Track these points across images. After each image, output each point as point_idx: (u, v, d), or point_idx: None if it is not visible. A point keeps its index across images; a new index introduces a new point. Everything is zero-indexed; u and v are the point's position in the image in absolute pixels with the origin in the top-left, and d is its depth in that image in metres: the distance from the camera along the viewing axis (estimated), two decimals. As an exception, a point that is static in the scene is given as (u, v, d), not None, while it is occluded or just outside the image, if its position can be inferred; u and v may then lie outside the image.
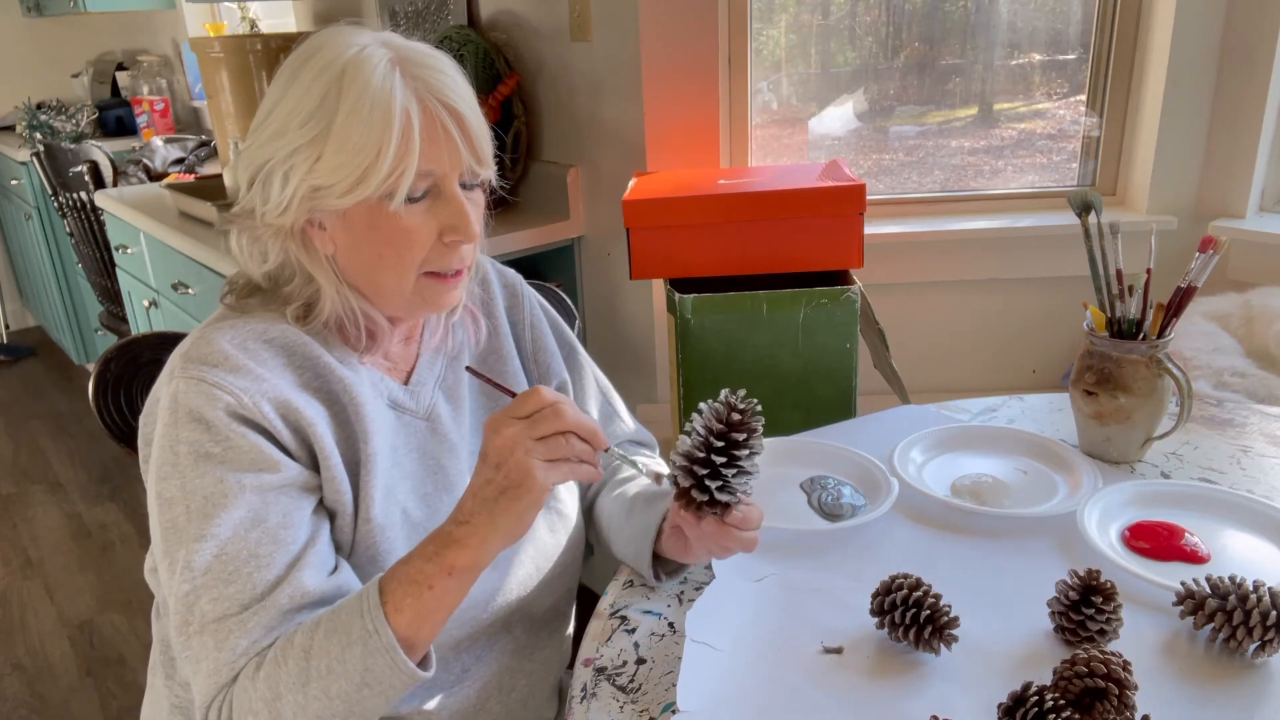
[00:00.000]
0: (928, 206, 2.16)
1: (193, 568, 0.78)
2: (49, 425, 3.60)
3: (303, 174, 0.82)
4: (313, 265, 0.87)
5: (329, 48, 0.83)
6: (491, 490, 0.75)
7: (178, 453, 0.81)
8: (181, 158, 3.39)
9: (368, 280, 0.88)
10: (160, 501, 0.81)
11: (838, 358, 1.59)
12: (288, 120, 0.82)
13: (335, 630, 0.76)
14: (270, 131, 0.83)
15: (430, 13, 2.45)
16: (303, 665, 0.75)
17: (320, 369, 0.87)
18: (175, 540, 0.80)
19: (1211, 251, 1.07)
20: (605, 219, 2.15)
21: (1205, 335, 1.80)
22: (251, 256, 0.88)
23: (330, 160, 0.81)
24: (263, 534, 0.80)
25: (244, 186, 0.87)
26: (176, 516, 0.80)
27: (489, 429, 0.77)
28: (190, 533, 0.79)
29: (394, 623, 0.75)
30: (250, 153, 0.85)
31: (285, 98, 0.83)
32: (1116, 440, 1.13)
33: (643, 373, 2.19)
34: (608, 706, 0.80)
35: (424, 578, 0.76)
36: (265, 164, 0.84)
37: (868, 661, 0.83)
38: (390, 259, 0.85)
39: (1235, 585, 0.82)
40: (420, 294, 0.88)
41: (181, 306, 2.35)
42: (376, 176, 0.80)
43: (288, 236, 0.86)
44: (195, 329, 0.89)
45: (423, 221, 0.85)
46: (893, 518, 1.05)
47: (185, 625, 0.79)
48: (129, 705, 2.08)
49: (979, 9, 2.09)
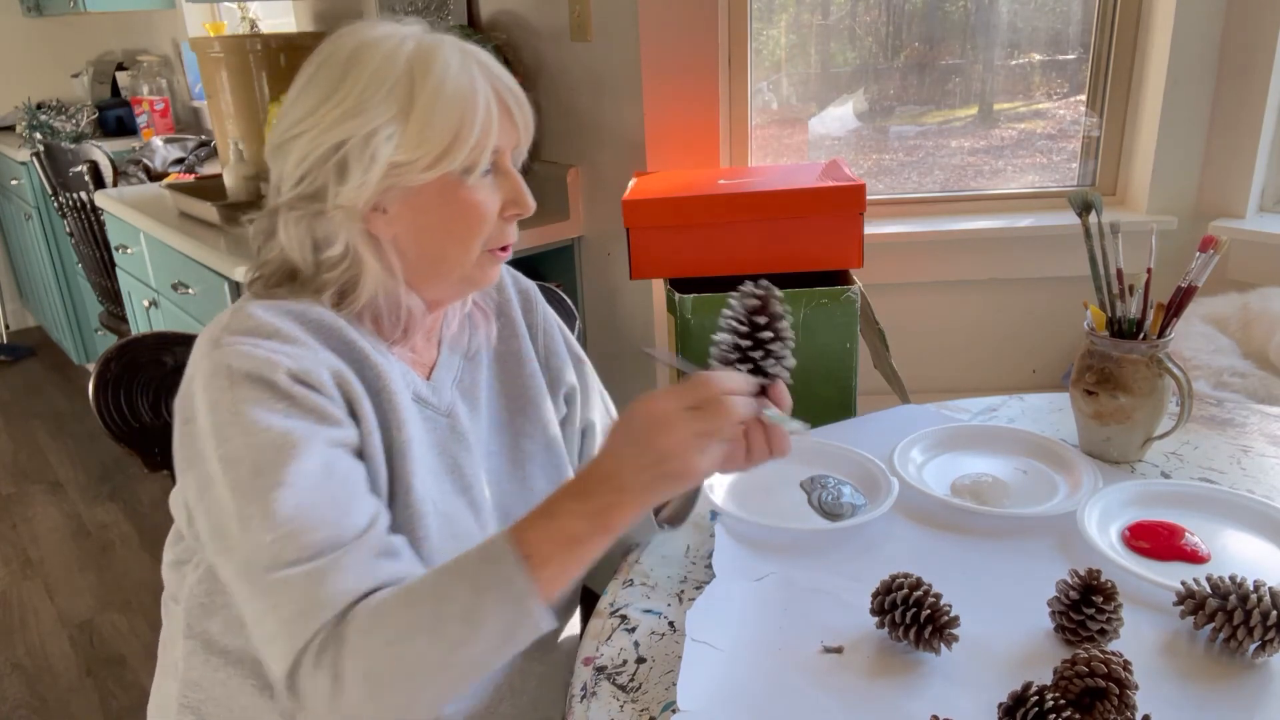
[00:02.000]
0: (928, 206, 2.16)
1: (273, 516, 0.75)
2: (49, 425, 3.60)
3: (389, 150, 0.82)
4: (370, 249, 0.87)
5: (383, 36, 0.84)
6: (652, 475, 0.75)
7: (239, 411, 0.78)
8: (181, 158, 3.39)
9: (431, 259, 0.88)
10: (226, 464, 0.77)
11: (838, 358, 1.59)
12: (362, 100, 0.82)
13: (464, 576, 0.75)
14: (339, 114, 0.82)
15: (430, 13, 2.45)
16: (432, 610, 0.73)
17: (356, 353, 0.87)
18: (248, 496, 0.76)
19: (1212, 251, 1.07)
20: (605, 219, 2.15)
21: (1204, 337, 1.80)
22: (305, 243, 0.87)
23: (415, 135, 0.82)
24: (338, 484, 0.78)
25: (300, 174, 0.85)
26: (243, 474, 0.77)
27: (652, 413, 0.76)
28: (264, 485, 0.76)
29: (538, 577, 0.74)
30: (312, 138, 0.84)
31: (347, 82, 0.83)
32: (1117, 440, 1.13)
33: (643, 373, 2.19)
34: (608, 706, 0.80)
35: (581, 535, 0.75)
36: (342, 143, 0.83)
37: (868, 661, 0.83)
38: (460, 233, 0.87)
39: (1235, 585, 0.82)
40: (480, 268, 0.91)
41: (181, 306, 2.35)
42: (462, 149, 0.83)
43: (355, 219, 0.85)
44: (225, 311, 0.86)
45: (489, 196, 0.88)
46: (893, 517, 1.05)
47: (268, 573, 0.75)
48: (129, 705, 2.08)
49: (979, 9, 2.09)
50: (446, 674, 0.74)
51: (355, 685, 0.72)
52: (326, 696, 0.72)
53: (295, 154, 0.85)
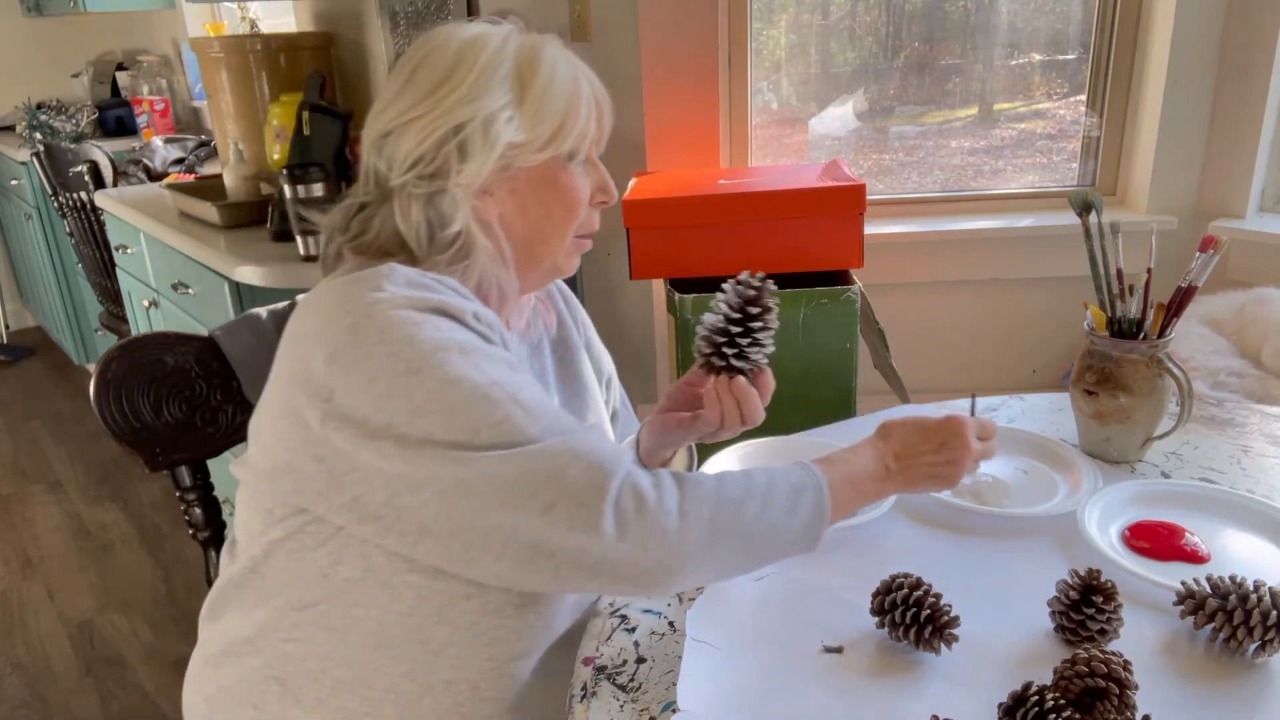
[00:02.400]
0: (928, 206, 2.16)
1: (530, 411, 0.77)
2: (49, 425, 3.60)
3: (509, 132, 0.87)
4: (483, 228, 0.90)
5: (487, 33, 0.90)
6: (928, 469, 0.90)
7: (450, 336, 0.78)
8: (181, 158, 3.39)
9: (531, 242, 0.93)
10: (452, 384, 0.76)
11: (838, 358, 1.59)
12: (477, 86, 0.87)
13: (788, 473, 0.84)
14: (456, 98, 0.87)
15: (430, 13, 2.45)
16: (765, 487, 0.81)
17: None
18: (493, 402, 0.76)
19: (1212, 251, 1.07)
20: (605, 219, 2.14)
21: (1201, 337, 1.80)
22: (421, 222, 0.88)
23: (530, 119, 0.88)
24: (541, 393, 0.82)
25: (417, 155, 0.87)
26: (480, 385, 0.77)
27: (961, 428, 0.91)
28: (506, 391, 0.77)
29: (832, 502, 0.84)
30: (430, 120, 0.87)
31: (459, 70, 0.87)
32: (1117, 440, 1.13)
33: (643, 373, 2.19)
34: (607, 705, 0.80)
35: (858, 485, 0.87)
36: (462, 126, 0.87)
37: (868, 661, 0.83)
38: (559, 217, 0.93)
39: (1235, 585, 0.82)
40: (568, 254, 0.96)
41: (182, 306, 2.35)
42: (570, 134, 0.90)
43: (471, 199, 0.89)
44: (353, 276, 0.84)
45: (584, 183, 0.94)
46: (893, 518, 1.05)
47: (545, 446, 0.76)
48: (129, 705, 2.08)
49: (979, 9, 2.09)
50: (754, 550, 0.81)
51: (699, 528, 0.77)
52: (670, 530, 0.76)
53: (411, 137, 0.88)
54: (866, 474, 0.88)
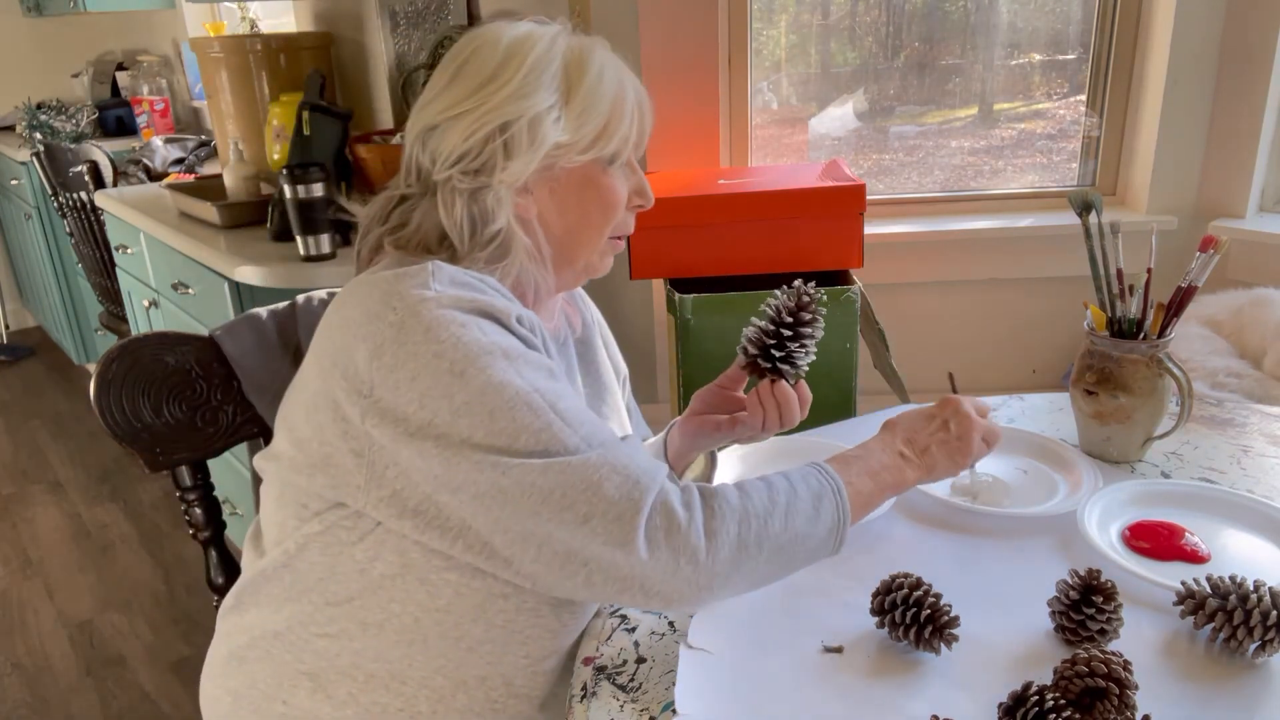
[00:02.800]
0: (928, 206, 2.16)
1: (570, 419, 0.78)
2: (49, 425, 3.60)
3: (556, 131, 0.88)
4: (522, 226, 0.91)
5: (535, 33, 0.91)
6: (945, 451, 0.93)
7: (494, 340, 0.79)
8: (181, 158, 3.39)
9: (567, 242, 0.94)
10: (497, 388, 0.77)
11: (838, 358, 1.59)
12: (525, 84, 0.87)
13: (807, 480, 0.84)
14: (504, 95, 0.87)
15: (430, 13, 2.45)
16: (789, 498, 0.82)
17: None
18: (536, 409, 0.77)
19: (1212, 251, 1.07)
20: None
21: (1200, 338, 1.80)
22: (463, 217, 0.88)
23: (575, 119, 0.89)
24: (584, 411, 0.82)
25: (463, 149, 0.88)
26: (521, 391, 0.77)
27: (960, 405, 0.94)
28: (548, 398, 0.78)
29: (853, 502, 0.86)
30: (479, 115, 0.87)
31: (508, 68, 0.88)
32: (1117, 440, 1.13)
33: (643, 373, 2.19)
34: (608, 705, 0.80)
35: (883, 482, 0.89)
36: (509, 123, 0.87)
37: (868, 661, 0.83)
38: (596, 218, 0.94)
39: (1236, 585, 0.82)
40: (601, 256, 0.97)
41: (182, 306, 2.35)
42: (614, 137, 0.90)
43: (514, 195, 0.90)
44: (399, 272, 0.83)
45: (622, 186, 0.95)
46: (893, 518, 1.05)
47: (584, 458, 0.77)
48: (129, 705, 2.08)
49: (979, 9, 2.09)
50: (780, 560, 0.82)
51: (728, 545, 0.78)
52: (698, 550, 0.77)
53: (457, 132, 0.88)
54: (882, 465, 0.90)
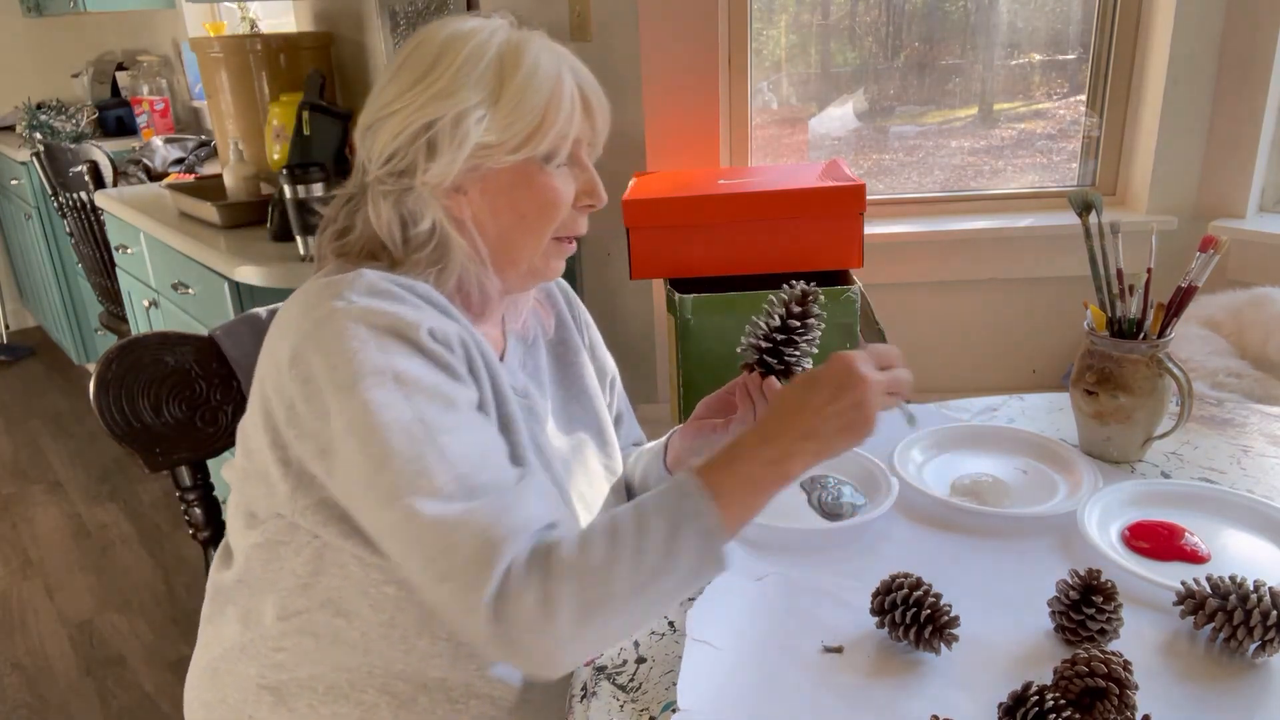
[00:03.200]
0: (928, 206, 2.16)
1: (446, 458, 0.75)
2: (49, 425, 3.60)
3: (478, 132, 0.85)
4: (456, 227, 0.89)
5: (475, 28, 0.88)
6: (839, 423, 0.80)
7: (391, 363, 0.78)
8: (181, 158, 3.39)
9: (504, 244, 0.91)
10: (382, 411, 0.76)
11: (838, 358, 1.59)
12: (454, 82, 0.85)
13: (662, 509, 0.77)
14: (431, 94, 0.85)
15: (430, 13, 2.45)
16: (635, 540, 0.75)
17: (462, 326, 0.88)
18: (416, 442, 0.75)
19: (1212, 251, 1.07)
20: (605, 219, 2.14)
21: (1200, 338, 1.80)
22: (393, 219, 0.88)
23: (503, 118, 0.85)
24: (489, 437, 0.81)
25: (390, 150, 0.87)
26: (406, 422, 0.76)
27: (852, 364, 0.82)
28: (430, 431, 0.76)
29: (724, 513, 0.76)
30: (404, 115, 0.86)
31: (439, 66, 0.85)
32: (1117, 440, 1.13)
33: (643, 373, 2.19)
34: (608, 705, 0.80)
35: (761, 479, 0.79)
36: (431, 125, 0.85)
37: (868, 661, 0.83)
38: (533, 220, 0.90)
39: (1236, 585, 0.82)
40: (545, 259, 0.93)
41: (181, 306, 2.35)
42: (546, 136, 0.86)
43: (441, 197, 0.88)
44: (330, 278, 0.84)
45: (566, 185, 0.90)
46: (893, 517, 1.05)
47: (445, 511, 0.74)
48: (129, 705, 2.08)
49: (979, 9, 2.09)
50: (641, 603, 0.76)
51: (567, 610, 0.72)
52: (537, 621, 0.72)
53: (387, 132, 0.87)
54: (762, 461, 0.79)
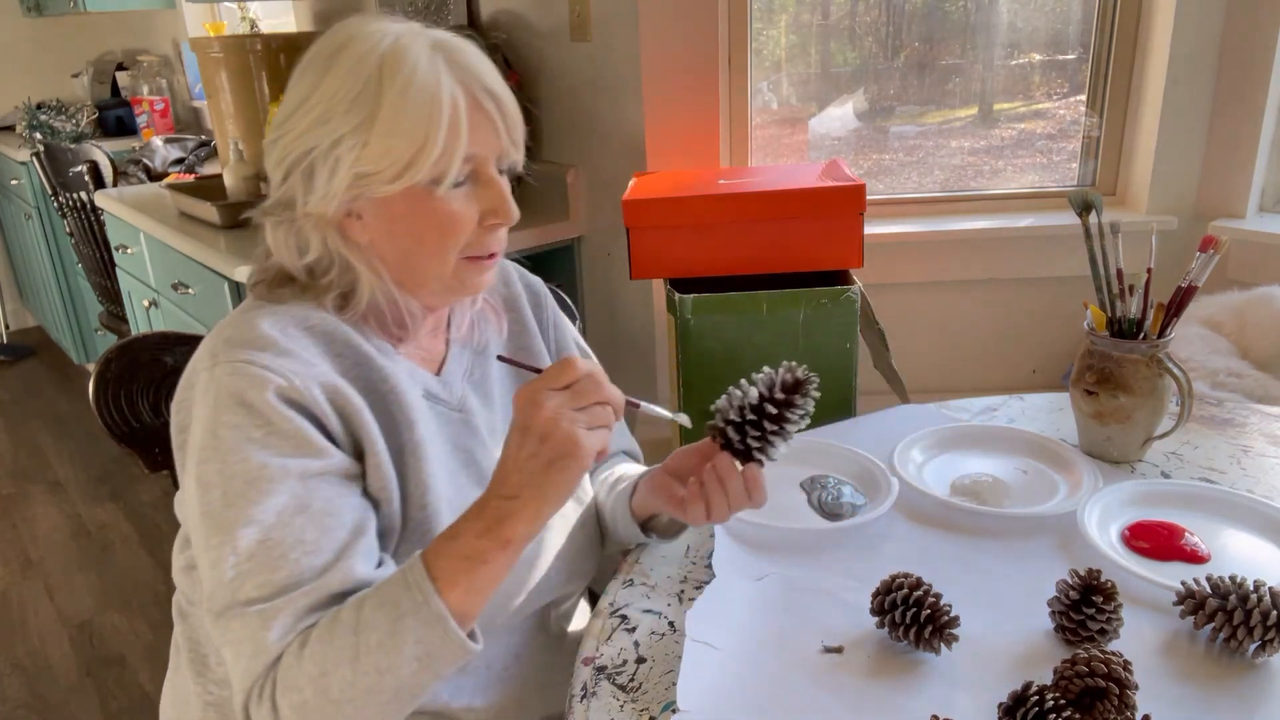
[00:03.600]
0: (928, 206, 2.16)
1: (236, 552, 0.76)
2: (49, 425, 3.60)
3: (350, 162, 0.81)
4: (352, 254, 0.87)
5: (364, 36, 0.83)
6: (539, 463, 0.75)
7: (219, 436, 0.79)
8: (181, 158, 3.39)
9: (406, 267, 0.88)
10: (199, 485, 0.79)
11: (838, 358, 1.59)
12: (330, 108, 0.81)
13: (382, 605, 0.75)
14: (310, 120, 0.82)
15: (430, 13, 2.46)
16: (351, 640, 0.74)
17: (360, 357, 0.87)
18: (214, 525, 0.77)
19: (1212, 251, 1.07)
20: (605, 219, 2.15)
21: (1201, 338, 1.80)
22: (289, 248, 0.87)
23: (378, 146, 0.80)
24: (308, 520, 0.78)
25: (279, 178, 0.85)
26: (213, 501, 0.78)
27: (525, 401, 0.76)
28: (231, 517, 0.77)
29: (447, 598, 0.74)
30: (286, 143, 0.84)
31: (322, 85, 0.82)
32: (1117, 440, 1.13)
33: (643, 373, 2.19)
34: (608, 705, 0.80)
35: (478, 553, 0.75)
36: (308, 153, 0.82)
37: (868, 661, 0.83)
38: (432, 244, 0.86)
39: (1236, 585, 0.82)
40: (458, 277, 0.89)
41: (181, 306, 2.35)
42: (426, 161, 0.81)
43: (328, 226, 0.85)
44: (230, 316, 0.87)
45: (465, 206, 0.85)
46: (893, 517, 1.05)
47: (227, 609, 0.76)
48: (129, 705, 2.08)
49: (979, 9, 2.09)
50: (376, 699, 0.74)
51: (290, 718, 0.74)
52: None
53: (273, 159, 0.86)
54: (472, 533, 0.76)
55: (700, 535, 1.05)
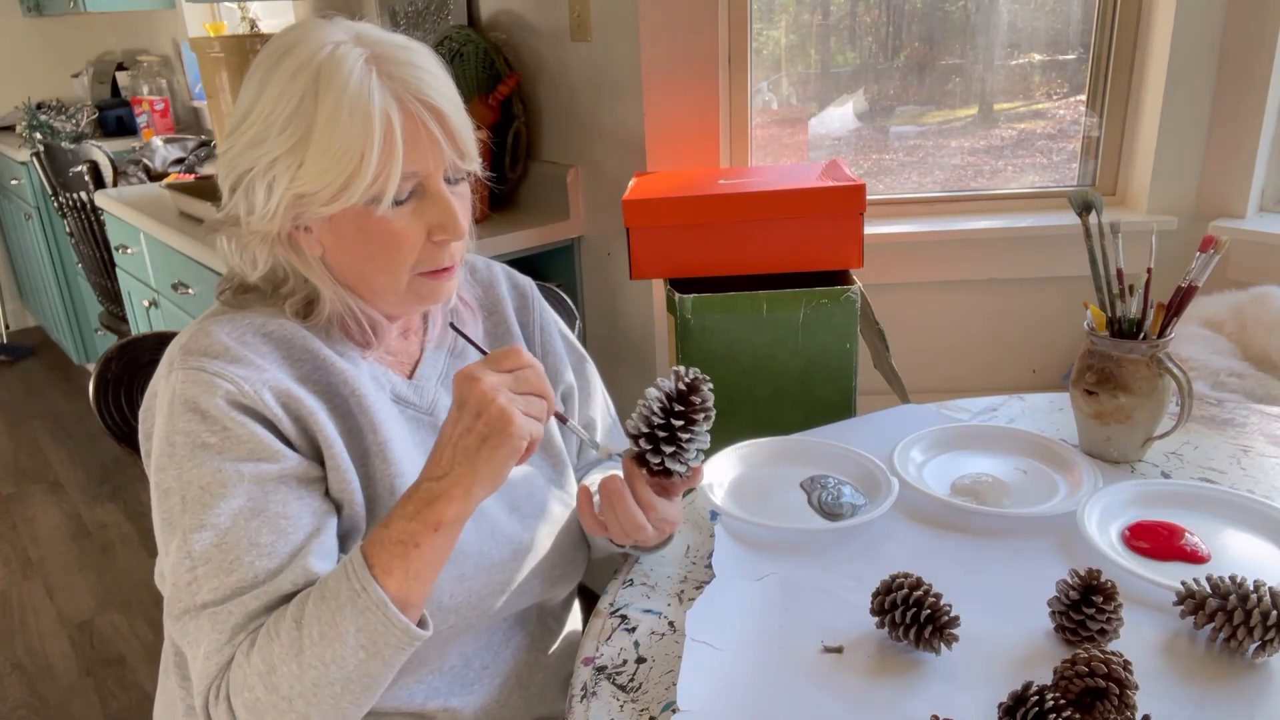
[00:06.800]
0: (928, 206, 2.16)
1: (192, 556, 0.78)
2: (49, 425, 3.60)
3: (286, 183, 0.81)
4: (304, 268, 0.87)
5: (301, 46, 0.81)
6: (472, 439, 0.75)
7: (174, 443, 0.81)
8: (181, 158, 3.39)
9: (360, 280, 0.88)
10: (159, 492, 0.82)
11: (838, 358, 1.59)
12: (266, 127, 0.80)
13: (324, 597, 0.75)
14: (248, 138, 0.82)
15: (430, 13, 2.45)
16: (295, 635, 0.75)
17: (319, 362, 0.87)
18: (172, 530, 0.80)
19: (1212, 251, 1.07)
20: (605, 219, 2.15)
21: (1202, 338, 1.80)
22: (242, 261, 0.88)
23: (312, 168, 0.79)
24: (263, 523, 0.79)
25: (226, 193, 0.86)
26: (173, 507, 0.80)
27: (463, 379, 0.76)
28: (187, 522, 0.79)
29: (384, 584, 0.75)
30: (230, 159, 0.84)
31: (260, 101, 0.81)
32: (1117, 440, 1.13)
33: (643, 373, 2.19)
34: (608, 705, 0.80)
35: (409, 537, 0.76)
36: (247, 172, 0.83)
37: (868, 661, 0.83)
38: (381, 262, 0.85)
39: (1236, 585, 0.82)
40: (414, 291, 0.88)
41: (181, 306, 2.35)
42: (361, 182, 0.79)
43: (275, 242, 0.86)
44: (192, 323, 0.89)
45: (410, 223, 0.84)
46: (893, 517, 1.05)
47: (185, 612, 0.79)
48: (129, 705, 2.08)
49: (979, 9, 2.09)
50: (325, 693, 0.75)
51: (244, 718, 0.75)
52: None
53: (220, 175, 0.86)
54: (404, 517, 0.76)
55: (700, 535, 1.05)
